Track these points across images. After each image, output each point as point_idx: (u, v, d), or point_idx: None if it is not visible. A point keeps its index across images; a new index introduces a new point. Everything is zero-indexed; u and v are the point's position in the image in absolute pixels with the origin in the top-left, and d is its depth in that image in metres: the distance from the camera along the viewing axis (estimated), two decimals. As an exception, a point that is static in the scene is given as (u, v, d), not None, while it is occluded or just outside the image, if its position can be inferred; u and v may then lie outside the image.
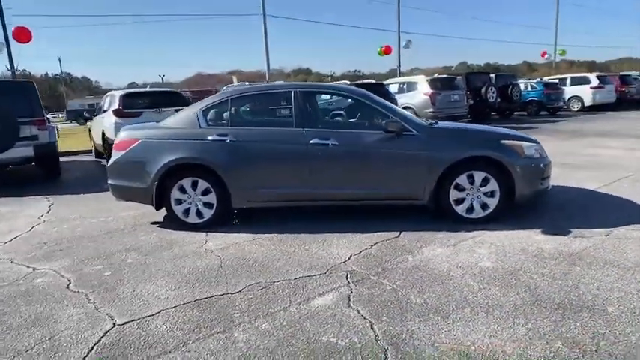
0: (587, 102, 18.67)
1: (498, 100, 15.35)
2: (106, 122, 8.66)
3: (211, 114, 4.44)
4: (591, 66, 58.11)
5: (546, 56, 31.79)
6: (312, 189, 4.21)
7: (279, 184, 4.24)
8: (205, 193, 4.29)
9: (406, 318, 2.54)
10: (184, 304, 2.83)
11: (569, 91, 18.69)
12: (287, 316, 2.62)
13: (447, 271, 3.17)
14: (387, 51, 22.46)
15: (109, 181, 4.58)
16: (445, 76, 14.79)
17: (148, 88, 9.41)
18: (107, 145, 8.53)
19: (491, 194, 4.08)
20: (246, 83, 13.48)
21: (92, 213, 5.25)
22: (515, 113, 18.17)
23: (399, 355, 2.20)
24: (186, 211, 4.35)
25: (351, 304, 2.73)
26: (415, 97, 12.67)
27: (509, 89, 16.00)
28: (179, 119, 4.52)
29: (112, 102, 8.91)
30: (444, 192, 4.09)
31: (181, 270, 3.39)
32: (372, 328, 2.45)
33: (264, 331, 2.47)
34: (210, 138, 4.25)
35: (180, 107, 8.67)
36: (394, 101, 10.32)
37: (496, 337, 2.33)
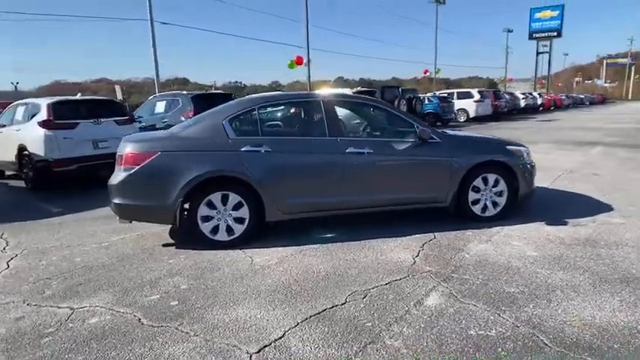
0: (472, 114, 21.58)
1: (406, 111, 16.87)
2: (26, 135, 7.37)
3: (239, 123, 4.20)
4: (447, 83, 66.83)
5: (428, 73, 35.93)
6: (347, 197, 4.25)
7: (315, 194, 4.20)
8: (237, 207, 4.04)
9: (521, 305, 2.80)
10: (303, 321, 2.69)
11: (457, 104, 21.36)
12: (417, 318, 2.68)
13: (507, 262, 3.53)
14: (299, 61, 23.05)
15: (116, 201, 4.00)
16: (366, 89, 15.78)
17: (80, 97, 8.22)
18: (29, 162, 7.30)
19: (500, 194, 4.61)
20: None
21: (70, 240, 4.49)
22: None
23: (551, 336, 2.44)
24: (215, 229, 4.03)
25: (462, 300, 2.90)
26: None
27: (414, 102, 17.69)
28: (200, 129, 4.17)
29: (31, 111, 7.62)
30: (464, 194, 4.50)
31: (258, 289, 3.17)
32: (502, 317, 2.66)
33: (411, 335, 2.50)
34: (243, 149, 4.02)
35: (122, 117, 7.94)
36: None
37: (603, 309, 2.72)
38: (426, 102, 19.95)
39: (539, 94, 35.01)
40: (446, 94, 21.83)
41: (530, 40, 43.60)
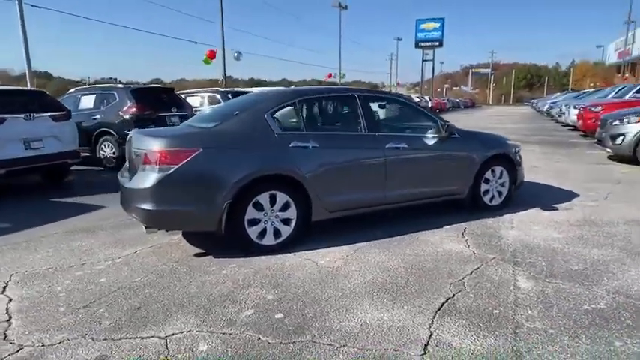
0: (381, 115, 22.89)
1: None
2: None
3: (282, 118, 3.91)
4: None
5: (332, 77, 37.21)
6: (388, 193, 4.26)
7: (359, 191, 4.12)
8: (284, 208, 3.77)
9: (597, 279, 3.14)
10: (435, 316, 2.65)
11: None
12: (530, 300, 2.83)
13: (546, 244, 3.90)
14: (211, 55, 21.91)
15: (147, 207, 3.43)
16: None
17: (5, 86, 6.69)
18: None
19: (504, 184, 5.05)
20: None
21: (65, 259, 3.71)
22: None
23: (650, 303, 2.78)
24: (262, 232, 3.70)
25: (548, 280, 3.14)
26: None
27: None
28: (241, 123, 3.78)
29: None
30: (477, 186, 4.83)
31: (354, 291, 3.02)
32: (595, 291, 2.95)
33: (542, 316, 2.63)
34: (291, 145, 3.76)
35: (59, 112, 6.74)
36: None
37: (658, 276, 3.19)
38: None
39: (429, 97, 38.70)
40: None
41: (417, 49, 48.15)
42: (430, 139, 4.48)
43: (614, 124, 7.97)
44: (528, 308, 2.73)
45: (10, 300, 2.97)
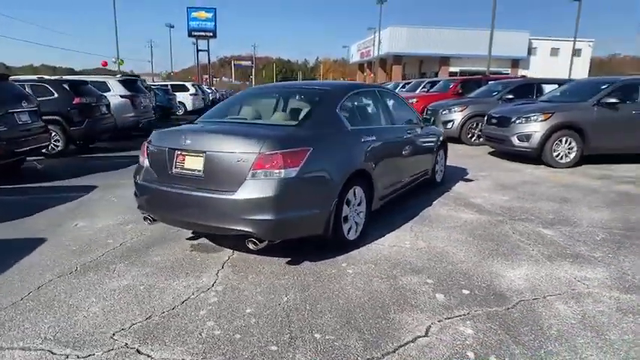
0: (189, 107, 21.91)
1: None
2: None
3: (344, 112, 3.89)
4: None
5: (108, 65, 32.29)
6: (404, 178, 4.81)
7: (394, 179, 4.53)
8: (360, 202, 3.88)
9: (494, 202, 4.63)
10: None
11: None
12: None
13: (478, 195, 5.29)
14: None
15: (271, 217, 3.02)
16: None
17: None
18: None
19: (443, 163, 6.29)
20: None
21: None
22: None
23: None
24: (349, 228, 3.73)
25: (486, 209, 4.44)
26: (112, 99, 11.00)
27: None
28: (317, 118, 3.62)
29: None
30: (434, 166, 5.90)
31: (467, 242, 3.56)
32: (466, 207, 4.39)
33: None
34: (362, 140, 3.86)
35: None
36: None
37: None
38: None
39: (212, 88, 38.52)
40: (167, 86, 21.09)
41: (191, 38, 46.69)
42: (417, 128, 5.24)
43: (443, 112, 10.54)
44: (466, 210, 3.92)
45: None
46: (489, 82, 12.62)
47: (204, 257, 3.61)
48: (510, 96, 10.38)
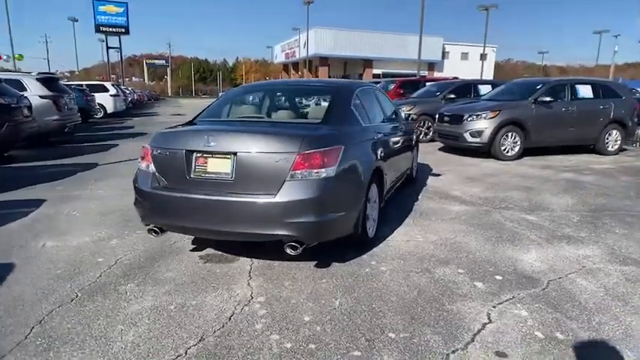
0: (110, 109, 20.19)
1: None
2: None
3: (356, 109, 3.84)
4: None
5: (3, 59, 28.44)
6: (399, 173, 4.92)
7: (394, 175, 4.64)
8: (375, 199, 3.88)
9: (468, 191, 5.07)
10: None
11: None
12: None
13: (446, 186, 5.66)
14: None
15: (318, 218, 2.90)
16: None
17: None
18: None
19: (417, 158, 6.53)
20: None
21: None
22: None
23: None
24: (369, 226, 3.71)
25: (446, 198, 4.83)
26: (34, 100, 9.70)
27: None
28: (338, 115, 3.56)
29: None
30: (413, 161, 6.08)
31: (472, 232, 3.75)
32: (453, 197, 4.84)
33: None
34: (375, 137, 3.89)
35: None
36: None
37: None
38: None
39: (129, 89, 35.82)
40: (82, 86, 19.13)
41: (99, 34, 42.87)
42: (402, 124, 5.37)
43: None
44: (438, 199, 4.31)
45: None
46: (427, 84, 13.36)
47: (224, 268, 3.35)
48: (452, 96, 11.09)
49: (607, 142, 8.92)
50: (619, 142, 8.97)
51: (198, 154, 3.06)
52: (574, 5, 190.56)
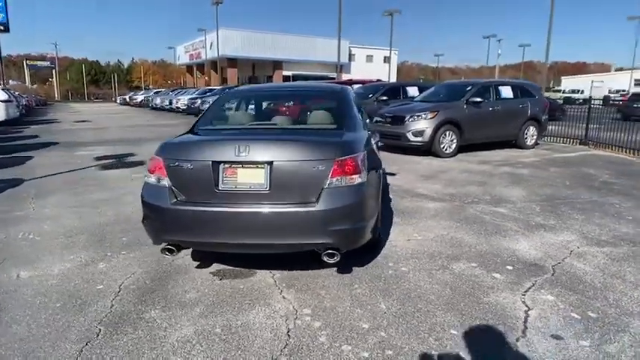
0: (1, 117, 17.58)
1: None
2: None
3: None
4: None
5: None
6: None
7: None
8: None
9: (436, 179, 5.61)
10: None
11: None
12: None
13: (410, 183, 6.07)
14: None
15: (356, 225, 2.93)
16: None
17: None
18: None
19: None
20: None
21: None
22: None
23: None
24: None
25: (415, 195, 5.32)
26: None
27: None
28: (350, 121, 3.58)
29: None
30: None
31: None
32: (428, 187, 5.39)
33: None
34: (373, 140, 4.01)
35: None
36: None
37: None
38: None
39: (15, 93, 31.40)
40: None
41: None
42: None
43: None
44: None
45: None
46: (354, 86, 13.82)
47: (246, 283, 3.17)
48: (384, 98, 11.64)
49: (526, 138, 10.09)
50: (535, 137, 10.21)
51: (227, 165, 2.86)
52: (465, 12, 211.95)
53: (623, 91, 42.19)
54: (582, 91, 42.63)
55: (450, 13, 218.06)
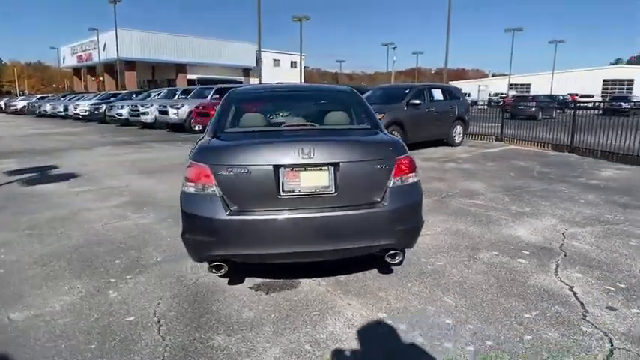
0: None
1: None
2: None
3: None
4: None
5: None
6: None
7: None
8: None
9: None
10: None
11: None
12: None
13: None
14: None
15: (419, 223, 2.94)
16: None
17: None
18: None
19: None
20: None
21: None
22: None
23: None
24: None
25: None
26: None
27: None
28: (376, 121, 3.51)
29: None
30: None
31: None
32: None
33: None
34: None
35: None
36: None
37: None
38: None
39: None
40: None
41: None
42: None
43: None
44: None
45: None
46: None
47: (298, 294, 2.97)
48: (417, 101, 11.71)
49: (454, 136, 10.99)
50: (461, 135, 11.17)
51: (288, 169, 2.65)
52: (366, 21, 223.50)
53: (502, 94, 48.09)
54: (470, 94, 47.74)
55: (350, 22, 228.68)
